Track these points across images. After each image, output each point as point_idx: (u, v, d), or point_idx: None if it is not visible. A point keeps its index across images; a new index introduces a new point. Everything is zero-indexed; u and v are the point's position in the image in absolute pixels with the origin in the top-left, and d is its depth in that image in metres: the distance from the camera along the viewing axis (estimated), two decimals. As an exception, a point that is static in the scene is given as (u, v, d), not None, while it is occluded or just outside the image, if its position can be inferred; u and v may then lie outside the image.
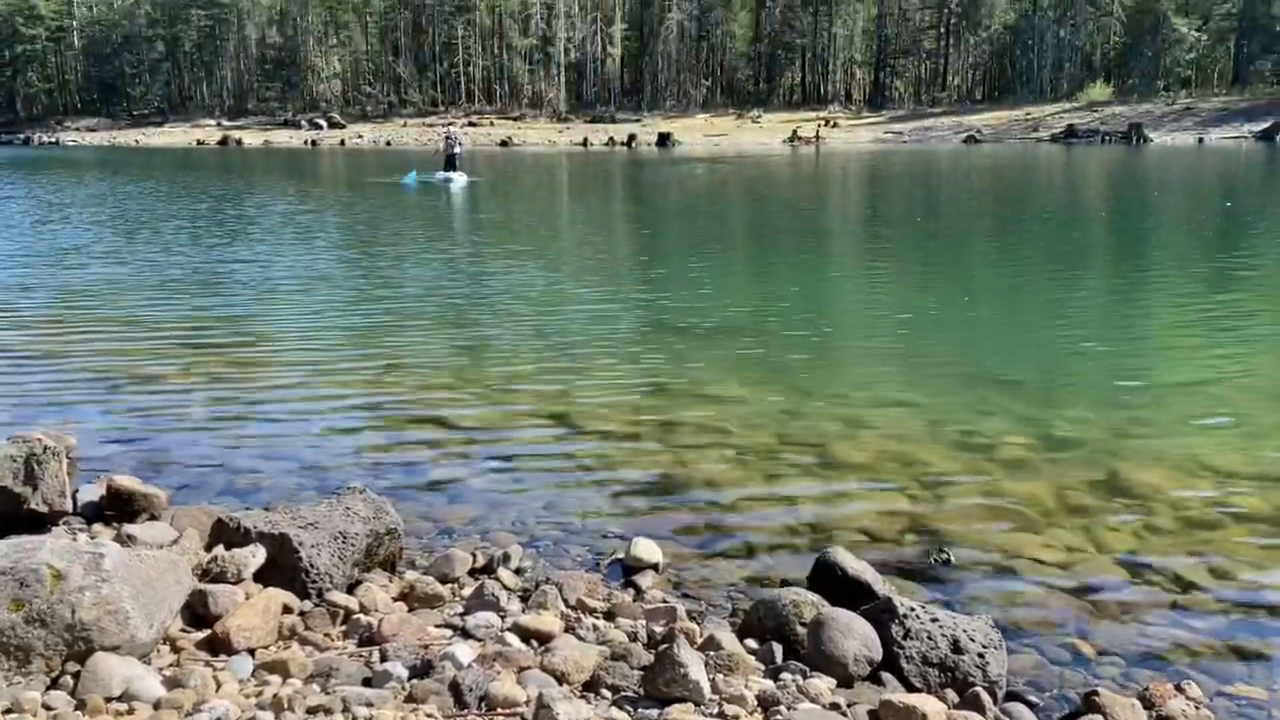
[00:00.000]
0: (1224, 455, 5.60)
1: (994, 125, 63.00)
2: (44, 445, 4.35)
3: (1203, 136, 51.79)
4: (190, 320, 9.78)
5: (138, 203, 23.74)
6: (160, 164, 45.25)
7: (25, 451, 4.30)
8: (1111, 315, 10.22)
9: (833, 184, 31.88)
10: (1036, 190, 27.86)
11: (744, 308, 10.46)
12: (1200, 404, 6.76)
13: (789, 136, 64.54)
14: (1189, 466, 5.44)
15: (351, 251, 15.12)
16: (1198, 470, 5.39)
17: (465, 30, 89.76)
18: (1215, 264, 13.55)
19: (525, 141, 69.78)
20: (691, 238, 17.48)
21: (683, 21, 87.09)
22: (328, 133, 78.82)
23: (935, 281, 12.37)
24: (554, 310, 10.27)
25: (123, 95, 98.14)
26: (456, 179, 28.75)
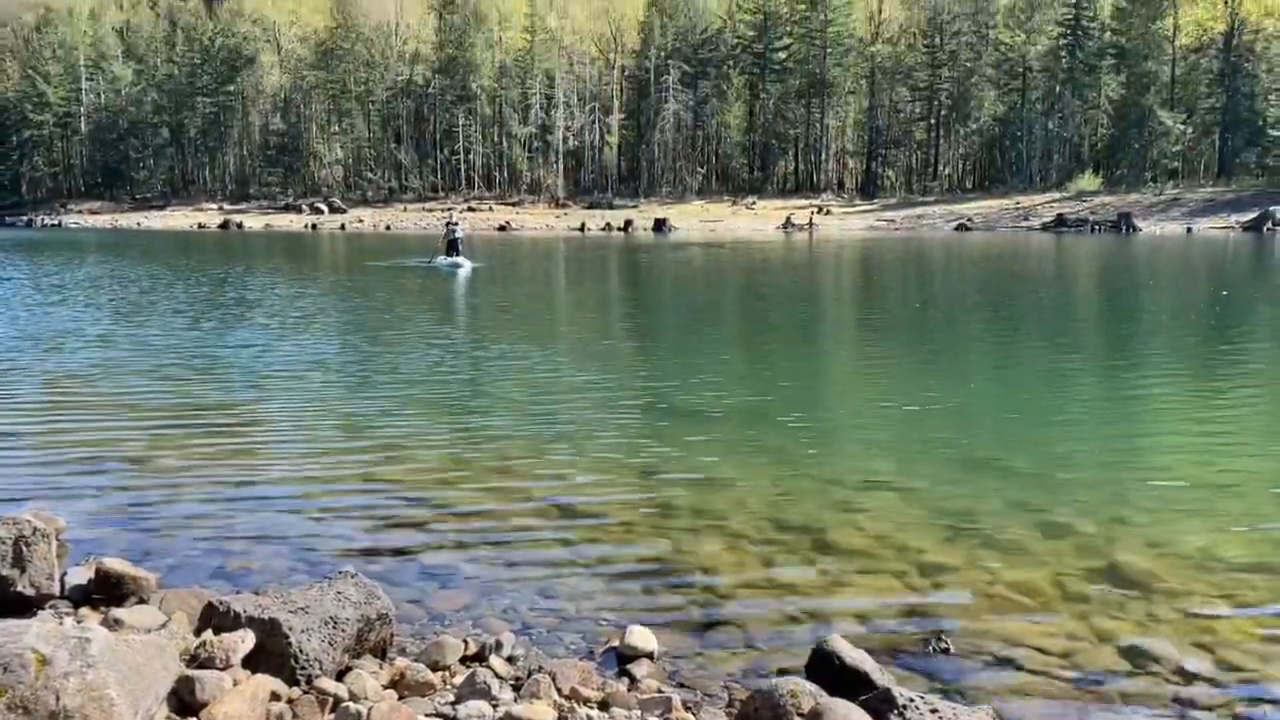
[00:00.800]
0: (1224, 544, 5.57)
1: (985, 214, 63.93)
2: (33, 527, 4.31)
3: (1191, 226, 52.57)
4: (184, 403, 9.77)
5: (136, 285, 23.89)
6: (160, 246, 45.67)
7: (14, 533, 4.26)
8: (1109, 402, 10.25)
9: (827, 270, 32.22)
10: (1030, 278, 28.16)
11: (740, 392, 10.48)
12: (1200, 492, 6.73)
13: (783, 223, 65.41)
14: (1189, 555, 5.41)
15: (348, 335, 15.17)
16: (1198, 559, 5.35)
17: (466, 119, 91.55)
18: (1213, 352, 13.63)
19: (523, 226, 70.65)
20: (687, 322, 17.59)
21: (679, 112, 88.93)
22: (328, 217, 79.79)
23: (932, 367, 12.43)
24: (549, 394, 10.27)
25: (126, 179, 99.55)
26: (463, 265, 28.55)
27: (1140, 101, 72.33)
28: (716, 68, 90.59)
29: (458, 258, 29.19)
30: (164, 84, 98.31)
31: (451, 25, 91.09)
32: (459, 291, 23.01)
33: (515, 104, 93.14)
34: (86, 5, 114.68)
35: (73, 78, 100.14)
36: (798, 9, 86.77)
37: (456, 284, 24.52)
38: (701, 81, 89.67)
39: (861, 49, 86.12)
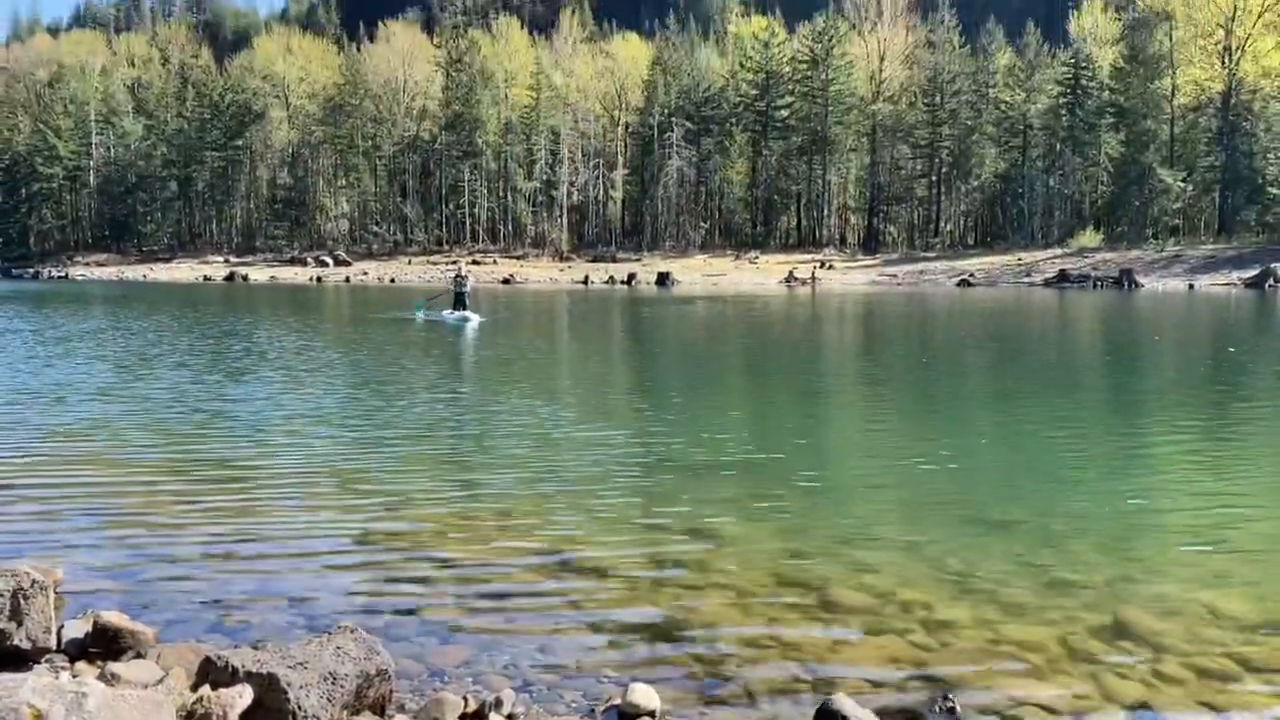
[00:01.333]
0: (1233, 602, 5.51)
1: (987, 269, 64.24)
2: (31, 579, 4.29)
3: (1193, 283, 52.75)
4: (184, 456, 9.76)
5: (140, 337, 23.98)
6: (165, 298, 45.92)
7: (12, 586, 4.23)
8: (1116, 459, 10.21)
9: (831, 324, 32.30)
10: (1035, 333, 28.21)
11: (744, 446, 10.45)
12: (1209, 550, 6.68)
13: (785, 277, 65.73)
14: (1198, 613, 5.35)
15: (351, 388, 15.18)
16: (1207, 617, 5.30)
17: (471, 174, 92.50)
18: (1221, 409, 13.60)
19: (527, 279, 71.02)
20: (691, 376, 17.61)
21: (682, 168, 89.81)
22: (333, 269, 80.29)
23: (937, 422, 12.40)
24: (552, 448, 10.25)
25: (134, 232, 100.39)
26: (471, 319, 28.29)
27: (1140, 159, 73.00)
28: (719, 124, 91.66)
29: (465, 311, 28.96)
30: (173, 138, 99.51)
31: (459, 83, 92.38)
32: (464, 345, 23.06)
33: (520, 159, 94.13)
34: (99, 62, 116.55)
35: (83, 132, 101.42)
36: (799, 68, 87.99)
37: (463, 337, 24.42)
38: (704, 138, 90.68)
39: (863, 107, 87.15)
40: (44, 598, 4.27)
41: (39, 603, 4.24)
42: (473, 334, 25.55)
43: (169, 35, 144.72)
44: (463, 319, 28.16)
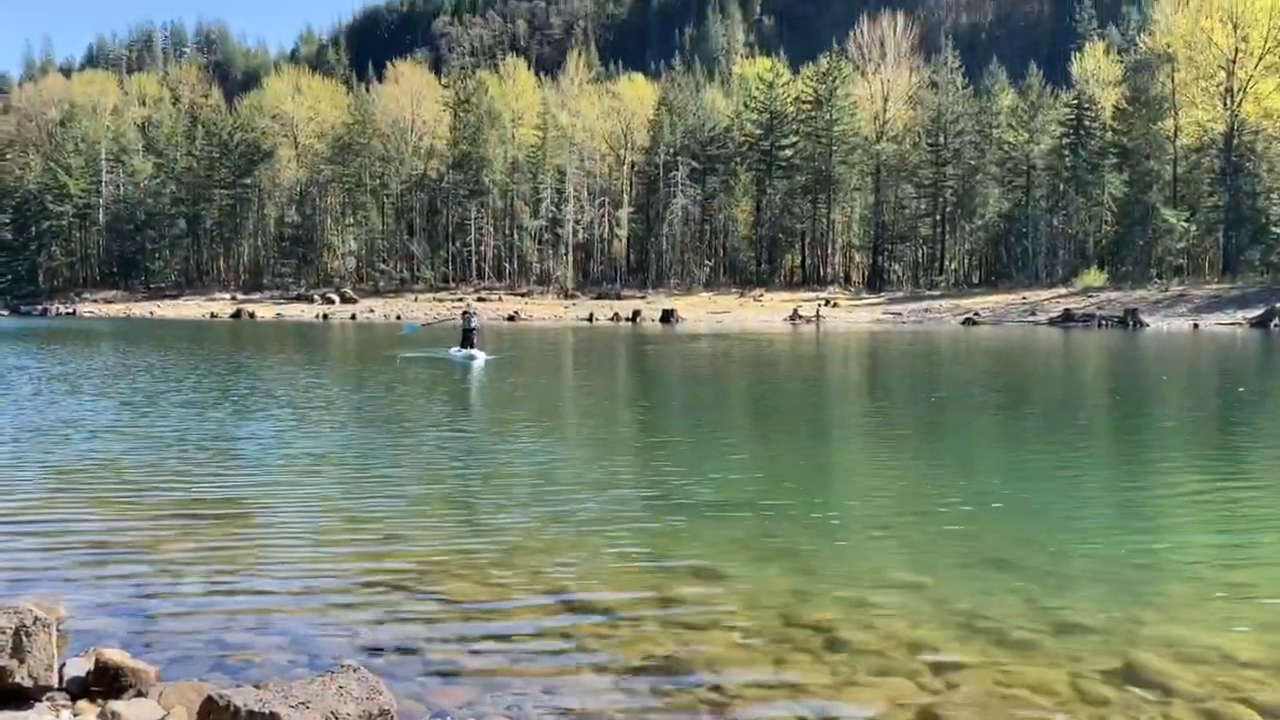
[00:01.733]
0: (1245, 645, 5.45)
1: (992, 308, 64.31)
2: (34, 616, 4.27)
3: (1197, 322, 52.74)
4: (188, 493, 9.74)
5: (145, 374, 24.03)
6: (172, 335, 46.07)
7: (15, 623, 4.21)
8: (1125, 499, 10.15)
9: (836, 362, 32.29)
10: (1042, 372, 28.17)
11: (748, 484, 10.41)
12: (1218, 591, 6.63)
13: (790, 315, 65.82)
14: (1208, 656, 5.29)
15: (355, 426, 15.17)
16: (1217, 660, 5.24)
17: (478, 212, 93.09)
18: (1232, 450, 13.53)
19: (532, 316, 71.19)
20: (696, 413, 17.59)
21: (687, 206, 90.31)
22: (339, 307, 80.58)
23: (945, 461, 12.36)
24: (557, 486, 10.22)
25: (142, 269, 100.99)
26: (478, 357, 27.96)
27: (1143, 199, 73.26)
28: (724, 164, 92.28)
29: (472, 349, 28.66)
30: (183, 176, 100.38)
31: (466, 122, 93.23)
32: (470, 382, 23.07)
33: (526, 198, 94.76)
34: (110, 101, 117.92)
35: (93, 170, 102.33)
36: (803, 109, 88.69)
37: (470, 375, 24.31)
38: (709, 177, 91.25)
39: (866, 147, 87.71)
40: (46, 635, 4.25)
41: (41, 640, 4.22)
42: (479, 372, 25.36)
43: (180, 75, 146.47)
44: (469, 357, 27.90)
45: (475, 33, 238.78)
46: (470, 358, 27.84)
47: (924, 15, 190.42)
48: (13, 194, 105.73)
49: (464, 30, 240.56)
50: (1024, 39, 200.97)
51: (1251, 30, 68.80)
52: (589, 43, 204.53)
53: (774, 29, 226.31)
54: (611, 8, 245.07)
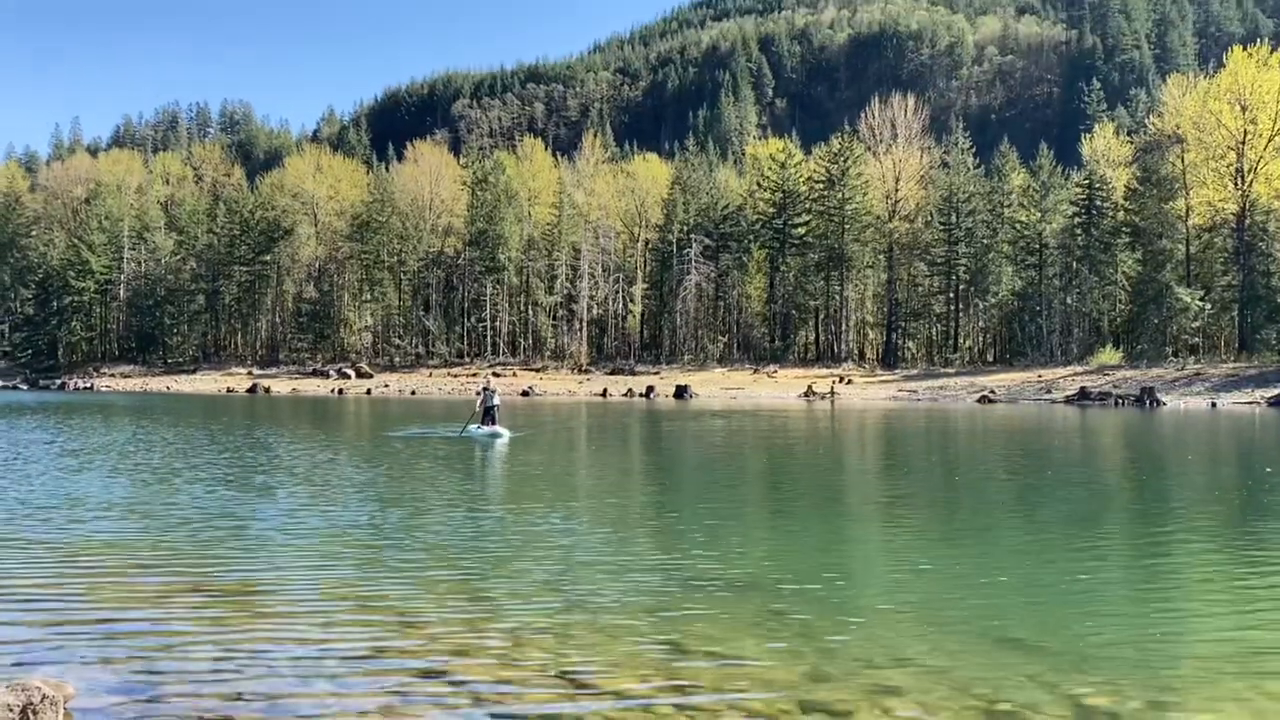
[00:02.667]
0: (1270, 732, 5.32)
1: (1007, 386, 64.12)
2: (42, 694, 4.24)
3: (1215, 401, 52.38)
4: (199, 571, 9.71)
5: (159, 449, 24.11)
6: (188, 410, 46.30)
7: (23, 700, 4.18)
8: (1146, 580, 10.00)
9: (852, 439, 32.14)
10: (1061, 450, 27.96)
11: (763, 563, 10.31)
12: (1237, 673, 6.48)
13: (805, 391, 65.73)
14: (1234, 744, 5.16)
15: (368, 503, 15.14)
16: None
17: (494, 288, 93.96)
18: (1261, 532, 13.33)
19: (546, 391, 71.30)
20: (710, 491, 17.48)
21: (700, 282, 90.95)
22: (355, 382, 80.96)
23: (962, 539, 12.22)
24: (570, 565, 10.15)
25: (160, 344, 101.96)
26: (502, 434, 27.13)
27: (1157, 278, 73.39)
28: (737, 241, 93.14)
29: (495, 426, 27.97)
30: (203, 253, 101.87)
31: (483, 201, 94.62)
32: (489, 460, 23.02)
33: (542, 274, 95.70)
34: (135, 180, 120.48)
35: (116, 247, 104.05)
36: (816, 187, 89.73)
37: (490, 453, 23.83)
38: (723, 254, 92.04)
39: (879, 225, 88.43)
40: (54, 713, 4.22)
41: (49, 718, 4.18)
42: (503, 450, 24.83)
43: (203, 155, 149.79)
44: (493, 435, 27.10)
45: (494, 115, 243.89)
46: (495, 435, 27.14)
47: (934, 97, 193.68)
48: (36, 270, 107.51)
49: (483, 112, 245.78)
50: (1034, 120, 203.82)
51: (1260, 112, 69.56)
52: (604, 124, 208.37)
53: (786, 111, 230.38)
54: (627, 91, 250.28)
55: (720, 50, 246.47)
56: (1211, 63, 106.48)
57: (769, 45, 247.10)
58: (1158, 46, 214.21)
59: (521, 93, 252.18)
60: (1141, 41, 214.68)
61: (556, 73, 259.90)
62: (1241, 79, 70.37)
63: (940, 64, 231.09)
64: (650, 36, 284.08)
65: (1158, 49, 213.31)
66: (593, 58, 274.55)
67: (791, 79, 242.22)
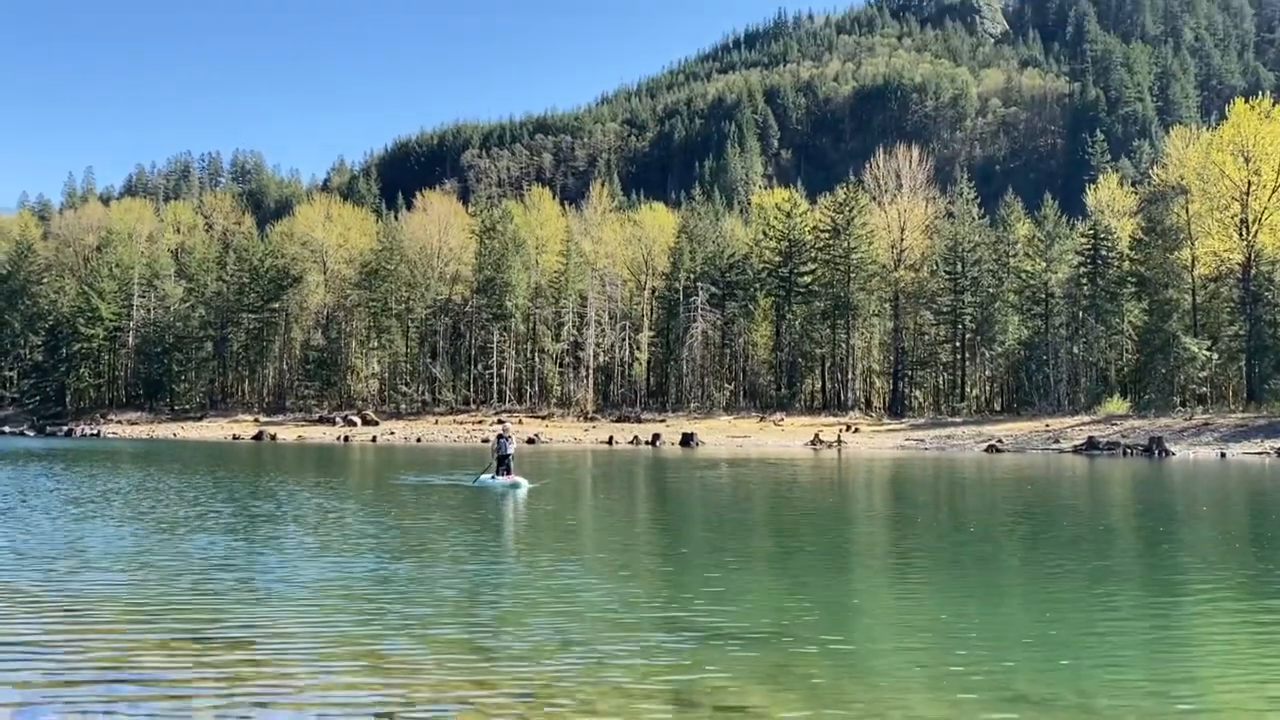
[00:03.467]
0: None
1: (1015, 435, 63.85)
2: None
3: (1224, 451, 52.07)
4: (202, 624, 9.63)
5: (163, 498, 24.05)
6: (194, 457, 46.27)
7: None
8: (1158, 635, 9.86)
9: (859, 488, 31.96)
10: (1072, 501, 27.75)
11: (769, 614, 10.20)
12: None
13: (811, 440, 65.50)
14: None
15: (374, 555, 15.05)
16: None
17: (501, 335, 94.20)
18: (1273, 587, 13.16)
19: (552, 439, 71.15)
20: (716, 540, 17.36)
21: (707, 330, 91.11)
22: (361, 429, 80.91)
23: (972, 593, 12.08)
24: (578, 617, 10.05)
25: (167, 391, 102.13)
26: (521, 484, 25.96)
27: (1164, 328, 73.28)
28: (744, 289, 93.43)
29: (515, 476, 26.56)
30: (212, 300, 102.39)
31: (491, 249, 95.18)
32: (500, 510, 22.90)
33: (549, 321, 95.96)
34: (146, 228, 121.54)
35: (125, 294, 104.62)
36: (821, 236, 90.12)
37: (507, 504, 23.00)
38: (729, 302, 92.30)
39: (884, 274, 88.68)
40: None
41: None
42: (523, 501, 23.73)
43: (214, 204, 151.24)
44: (513, 485, 25.97)
45: (502, 165, 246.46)
46: (514, 485, 25.96)
47: (938, 148, 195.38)
48: (47, 316, 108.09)
49: (491, 162, 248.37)
50: (1038, 171, 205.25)
51: (1263, 163, 69.92)
52: (612, 174, 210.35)
53: (791, 161, 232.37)
54: (634, 142, 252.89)
55: (726, 102, 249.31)
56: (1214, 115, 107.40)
57: (774, 97, 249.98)
58: (1160, 99, 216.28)
59: (530, 143, 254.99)
60: (1144, 94, 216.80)
61: (565, 124, 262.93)
62: (1244, 131, 70.82)
63: (944, 116, 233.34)
64: (657, 89, 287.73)
65: (1160, 101, 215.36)
66: (600, 109, 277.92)
67: (797, 130, 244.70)
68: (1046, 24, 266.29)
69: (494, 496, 24.52)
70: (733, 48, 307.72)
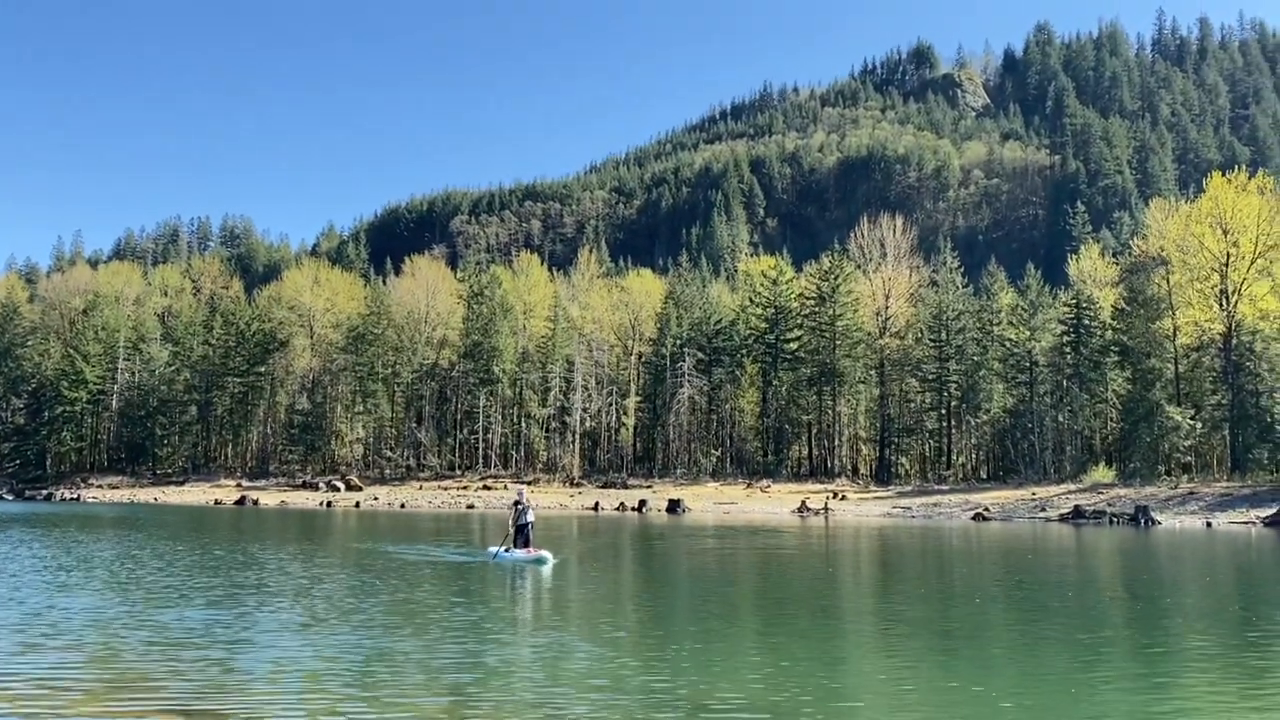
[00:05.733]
0: None
1: (1001, 503, 63.72)
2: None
3: (1210, 521, 52.06)
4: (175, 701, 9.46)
5: (143, 566, 23.73)
6: (175, 523, 45.72)
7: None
8: (1145, 706, 9.78)
9: (847, 558, 31.75)
10: (1058, 573, 27.62)
11: (753, 686, 10.07)
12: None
13: (798, 507, 65.19)
14: None
15: (358, 629, 14.85)
16: None
17: (488, 400, 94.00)
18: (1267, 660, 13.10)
19: (538, 505, 70.42)
20: (701, 611, 17.19)
21: (693, 396, 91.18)
22: (344, 494, 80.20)
23: (961, 666, 11.97)
24: (564, 688, 9.91)
25: (149, 455, 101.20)
26: (547, 559, 23.42)
27: (1147, 396, 73.67)
28: (730, 355, 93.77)
29: (539, 550, 23.88)
30: (198, 364, 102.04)
31: (479, 314, 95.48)
32: (489, 582, 22.64)
33: (535, 386, 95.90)
34: (133, 291, 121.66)
35: (110, 358, 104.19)
36: (807, 304, 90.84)
37: (516, 583, 20.71)
38: (716, 368, 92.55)
39: (870, 342, 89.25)
40: None
41: None
42: (548, 575, 21.87)
43: (202, 267, 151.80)
44: (536, 560, 23.39)
45: (491, 231, 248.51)
46: (538, 561, 23.34)
47: (921, 218, 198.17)
48: (30, 379, 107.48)
49: (480, 228, 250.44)
50: (1020, 241, 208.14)
51: (1241, 235, 71.02)
52: (600, 241, 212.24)
53: (777, 230, 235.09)
54: (622, 209, 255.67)
55: (713, 171, 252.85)
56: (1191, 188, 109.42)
57: (760, 167, 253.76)
58: (1139, 171, 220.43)
59: (519, 210, 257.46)
60: (1123, 167, 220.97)
61: (554, 191, 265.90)
62: (1222, 203, 72.08)
63: (927, 186, 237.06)
64: (645, 157, 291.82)
65: (1139, 174, 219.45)
66: (589, 177, 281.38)
67: (782, 199, 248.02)
68: (1027, 98, 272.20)
69: (520, 574, 22.22)
70: (719, 119, 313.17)
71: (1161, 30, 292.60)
